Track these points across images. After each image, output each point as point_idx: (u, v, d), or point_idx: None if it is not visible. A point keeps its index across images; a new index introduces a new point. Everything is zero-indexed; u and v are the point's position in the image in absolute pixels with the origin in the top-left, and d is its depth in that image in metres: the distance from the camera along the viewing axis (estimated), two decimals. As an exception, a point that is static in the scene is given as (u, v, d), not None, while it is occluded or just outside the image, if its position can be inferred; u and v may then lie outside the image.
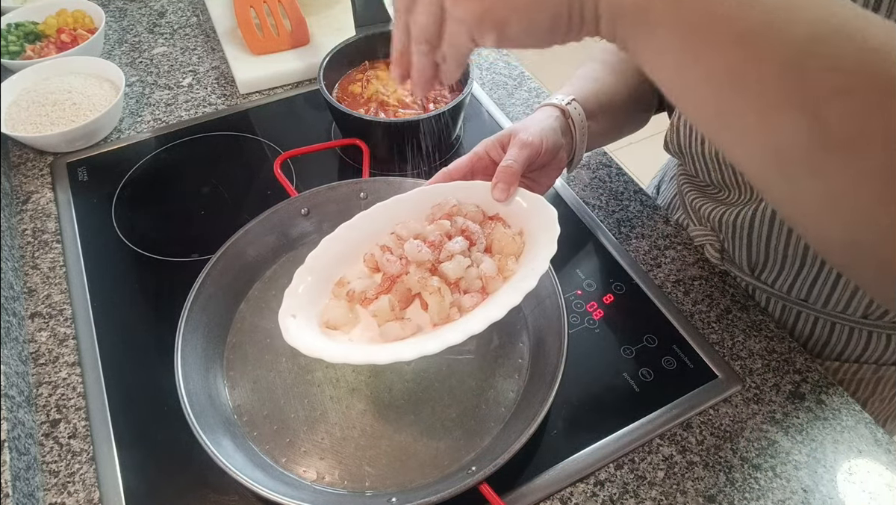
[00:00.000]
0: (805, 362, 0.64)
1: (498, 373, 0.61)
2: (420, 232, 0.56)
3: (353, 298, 0.54)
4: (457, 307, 0.52)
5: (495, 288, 0.53)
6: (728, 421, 0.60)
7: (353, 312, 0.54)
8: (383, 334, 0.52)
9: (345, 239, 0.58)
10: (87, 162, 0.83)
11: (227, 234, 0.65)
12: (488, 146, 0.61)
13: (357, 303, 0.55)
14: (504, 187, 0.56)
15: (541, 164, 0.62)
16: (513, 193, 0.56)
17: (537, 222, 0.55)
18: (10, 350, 0.60)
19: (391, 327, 0.52)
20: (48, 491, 0.55)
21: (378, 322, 0.53)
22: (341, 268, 0.57)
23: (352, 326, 0.54)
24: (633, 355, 0.64)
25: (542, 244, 0.53)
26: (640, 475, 0.57)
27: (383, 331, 0.52)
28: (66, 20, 0.97)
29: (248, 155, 0.85)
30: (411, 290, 0.53)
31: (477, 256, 0.54)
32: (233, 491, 0.54)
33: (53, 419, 0.60)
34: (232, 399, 0.59)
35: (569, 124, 0.65)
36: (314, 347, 0.50)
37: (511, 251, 0.54)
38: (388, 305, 0.52)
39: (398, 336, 0.51)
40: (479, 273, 0.53)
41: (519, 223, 0.57)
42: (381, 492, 0.54)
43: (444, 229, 0.55)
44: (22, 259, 0.73)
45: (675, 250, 0.74)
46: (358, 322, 0.54)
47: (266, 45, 0.96)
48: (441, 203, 0.58)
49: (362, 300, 0.54)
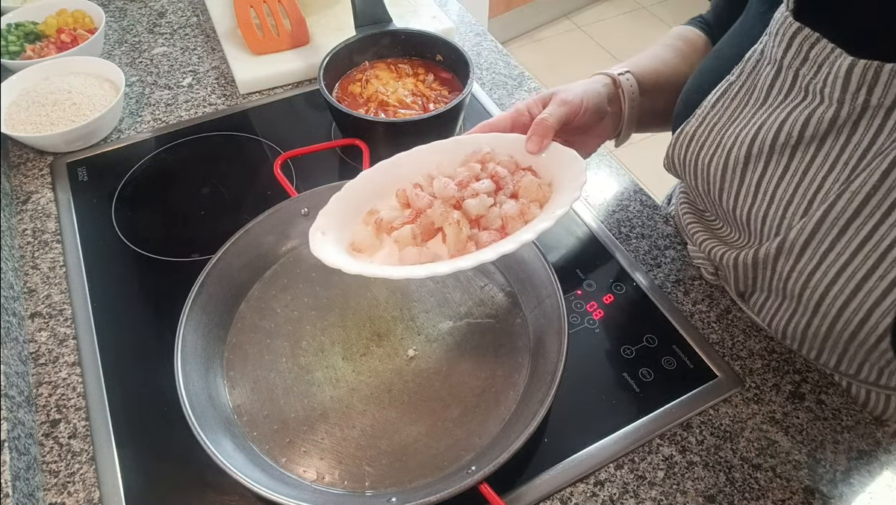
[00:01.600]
0: (805, 362, 0.64)
1: (498, 373, 0.61)
2: (452, 174, 0.58)
3: (380, 225, 0.57)
4: (474, 242, 0.53)
5: (515, 229, 0.54)
6: (728, 421, 0.60)
7: (379, 238, 0.57)
8: (402, 259, 0.54)
9: (381, 175, 0.61)
10: (87, 162, 0.83)
11: (227, 234, 0.65)
12: (530, 104, 0.62)
13: (384, 232, 0.57)
14: (537, 140, 0.57)
15: (582, 127, 0.62)
16: (545, 146, 0.58)
17: (567, 175, 0.56)
18: (10, 350, 0.60)
19: (410, 252, 0.54)
20: (48, 491, 0.55)
21: (399, 248, 0.55)
22: (374, 200, 0.60)
23: (375, 252, 0.56)
24: (633, 355, 0.64)
25: (566, 192, 0.54)
26: (640, 475, 0.57)
27: (402, 255, 0.54)
28: (66, 20, 0.97)
29: (248, 155, 0.85)
30: (434, 223, 0.55)
31: (501, 199, 0.56)
32: (233, 491, 0.54)
33: (53, 419, 0.60)
34: (232, 399, 0.59)
35: (618, 94, 0.65)
36: (335, 261, 0.52)
37: (535, 197, 0.56)
38: (409, 233, 0.55)
39: (415, 260, 0.53)
40: (501, 213, 0.54)
41: (549, 175, 0.58)
42: (381, 492, 0.54)
43: (474, 172, 0.57)
44: (22, 259, 0.73)
45: (675, 250, 0.74)
46: (382, 249, 0.56)
47: (266, 45, 0.96)
48: (476, 151, 0.60)
49: (388, 229, 0.57)
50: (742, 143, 0.57)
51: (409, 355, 0.62)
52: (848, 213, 0.51)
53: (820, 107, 0.52)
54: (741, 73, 0.59)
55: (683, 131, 0.64)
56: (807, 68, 0.53)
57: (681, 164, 0.65)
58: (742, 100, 0.59)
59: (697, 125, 0.62)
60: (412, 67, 0.89)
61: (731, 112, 0.60)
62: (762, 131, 0.56)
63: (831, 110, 0.51)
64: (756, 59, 0.58)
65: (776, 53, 0.55)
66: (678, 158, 0.65)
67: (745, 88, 0.59)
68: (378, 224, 0.56)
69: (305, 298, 0.67)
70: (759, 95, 0.58)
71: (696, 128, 0.62)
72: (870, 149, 0.50)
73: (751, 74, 0.58)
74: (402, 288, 0.67)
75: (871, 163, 0.50)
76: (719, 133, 0.60)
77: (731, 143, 0.59)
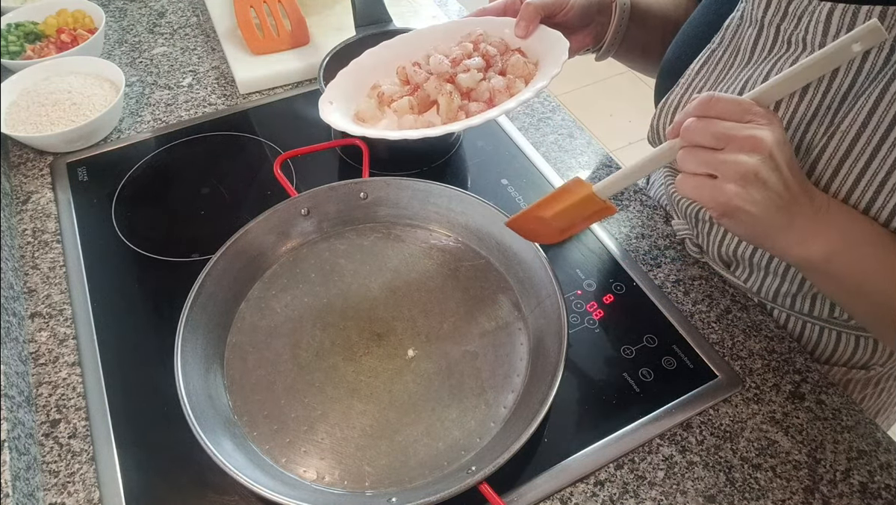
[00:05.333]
0: (805, 362, 0.64)
1: (498, 373, 0.61)
2: (447, 52, 0.64)
3: (382, 98, 0.62)
4: (464, 112, 0.59)
5: (501, 101, 0.60)
6: (728, 421, 0.60)
7: (381, 111, 0.62)
8: (400, 124, 0.60)
9: (384, 53, 0.66)
10: (87, 162, 0.83)
11: (227, 234, 0.65)
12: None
13: (385, 104, 0.62)
14: (524, 24, 0.62)
15: (565, 25, 0.66)
16: (532, 31, 0.63)
17: (552, 54, 0.61)
18: (10, 350, 0.60)
19: (407, 118, 0.61)
20: (48, 491, 0.55)
21: (397, 116, 0.61)
22: (378, 76, 0.65)
23: (377, 121, 0.62)
24: (633, 355, 0.64)
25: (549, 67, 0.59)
26: (640, 475, 0.57)
27: (400, 122, 0.60)
28: (66, 20, 0.97)
29: (248, 155, 0.85)
30: (430, 95, 0.61)
31: (490, 75, 0.61)
32: (233, 491, 0.54)
33: (53, 419, 0.60)
34: (232, 399, 0.59)
35: (612, 6, 0.69)
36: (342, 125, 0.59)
37: (521, 74, 0.61)
38: (407, 104, 0.61)
39: (412, 126, 0.60)
40: (489, 87, 0.60)
41: (536, 55, 0.63)
42: (381, 492, 0.54)
43: (467, 50, 0.63)
44: (22, 259, 0.73)
45: (675, 250, 0.74)
46: (384, 119, 0.62)
47: (266, 45, 0.96)
48: (470, 32, 0.65)
49: (389, 101, 0.62)
50: None
51: (409, 355, 0.62)
52: (840, 154, 0.53)
53: (802, 54, 0.55)
54: (722, 39, 0.62)
55: (668, 100, 0.65)
56: (787, 22, 0.55)
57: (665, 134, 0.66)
58: (727, 63, 0.61)
59: (682, 92, 0.64)
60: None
61: (716, 75, 0.62)
62: (748, 85, 0.58)
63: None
64: (736, 25, 0.60)
65: (756, 14, 0.58)
66: (664, 127, 0.66)
67: (728, 52, 0.61)
68: (380, 97, 0.62)
69: (305, 298, 0.67)
70: (744, 57, 0.60)
71: (681, 95, 0.64)
72: (850, 90, 0.52)
73: (733, 39, 0.61)
74: (402, 288, 0.67)
75: (854, 103, 0.52)
76: None
77: None
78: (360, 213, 0.72)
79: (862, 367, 0.69)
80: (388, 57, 0.66)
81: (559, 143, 0.87)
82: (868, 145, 0.51)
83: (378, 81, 0.65)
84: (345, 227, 0.73)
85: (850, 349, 0.67)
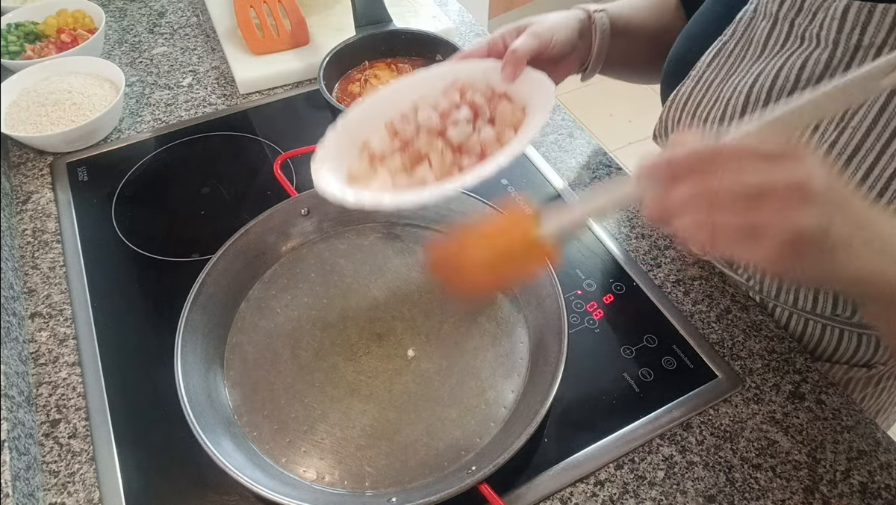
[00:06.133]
0: (805, 362, 0.64)
1: (498, 373, 0.61)
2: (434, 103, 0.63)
3: (373, 157, 0.61)
4: (457, 167, 0.58)
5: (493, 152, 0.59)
6: (728, 421, 0.60)
7: (374, 168, 0.62)
8: (395, 185, 0.59)
9: (372, 106, 0.65)
10: (87, 162, 0.83)
11: (227, 234, 0.65)
12: (505, 33, 0.65)
13: (377, 162, 0.62)
14: (510, 70, 0.61)
15: (552, 58, 0.66)
16: (518, 74, 0.62)
17: (539, 98, 0.60)
18: (10, 350, 0.60)
19: (401, 179, 0.60)
20: (48, 491, 0.55)
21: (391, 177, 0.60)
22: (366, 132, 0.64)
23: (370, 181, 0.61)
24: (633, 355, 0.64)
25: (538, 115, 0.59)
26: (640, 475, 0.57)
27: (395, 183, 0.59)
28: (66, 20, 0.97)
29: (248, 155, 0.85)
30: (420, 151, 0.60)
31: (480, 125, 0.60)
32: (233, 491, 0.54)
33: (53, 419, 0.60)
34: (232, 399, 0.59)
35: (591, 29, 0.69)
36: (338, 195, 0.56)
37: (510, 122, 0.60)
38: (400, 164, 0.60)
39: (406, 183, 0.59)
40: (480, 140, 0.59)
41: (523, 99, 0.62)
42: (381, 492, 0.54)
43: (455, 101, 0.62)
44: (22, 259, 0.73)
45: (675, 250, 0.74)
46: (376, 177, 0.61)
47: (266, 45, 0.96)
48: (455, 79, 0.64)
49: (381, 159, 0.62)
50: (740, 93, 0.59)
51: (409, 355, 0.62)
52: (849, 150, 0.53)
53: (816, 50, 0.54)
54: (734, 32, 0.62)
55: (679, 93, 0.65)
56: (802, 17, 0.55)
57: (675, 127, 0.67)
58: (738, 55, 0.61)
59: (693, 85, 0.64)
60: (412, 67, 0.89)
61: (727, 69, 0.62)
62: (760, 79, 0.58)
63: (826, 52, 0.54)
64: (749, 18, 0.60)
65: (771, 8, 0.58)
66: (673, 121, 0.66)
67: (740, 45, 0.61)
68: (371, 155, 0.62)
69: (305, 298, 0.67)
70: (756, 50, 0.60)
71: (692, 88, 0.64)
72: None
73: (745, 32, 0.61)
74: (402, 288, 0.67)
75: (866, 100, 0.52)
76: (717, 89, 0.62)
77: (728, 95, 0.60)
78: (360, 214, 0.72)
79: (864, 365, 0.69)
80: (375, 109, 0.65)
81: (559, 143, 0.87)
82: (878, 141, 0.52)
83: (368, 137, 0.63)
84: (345, 228, 0.73)
85: (853, 347, 0.67)
